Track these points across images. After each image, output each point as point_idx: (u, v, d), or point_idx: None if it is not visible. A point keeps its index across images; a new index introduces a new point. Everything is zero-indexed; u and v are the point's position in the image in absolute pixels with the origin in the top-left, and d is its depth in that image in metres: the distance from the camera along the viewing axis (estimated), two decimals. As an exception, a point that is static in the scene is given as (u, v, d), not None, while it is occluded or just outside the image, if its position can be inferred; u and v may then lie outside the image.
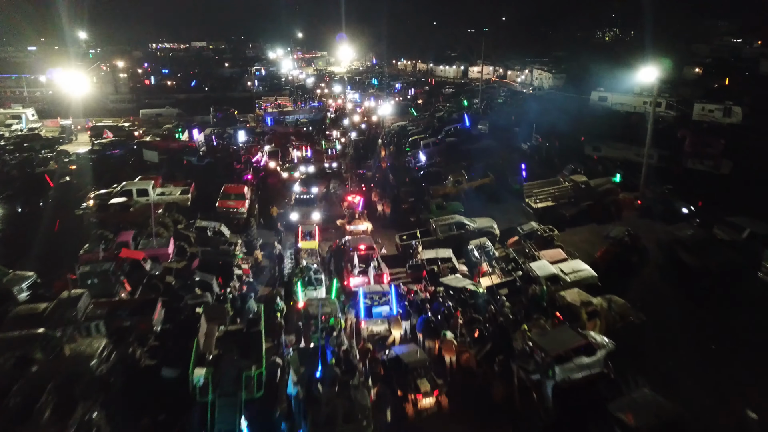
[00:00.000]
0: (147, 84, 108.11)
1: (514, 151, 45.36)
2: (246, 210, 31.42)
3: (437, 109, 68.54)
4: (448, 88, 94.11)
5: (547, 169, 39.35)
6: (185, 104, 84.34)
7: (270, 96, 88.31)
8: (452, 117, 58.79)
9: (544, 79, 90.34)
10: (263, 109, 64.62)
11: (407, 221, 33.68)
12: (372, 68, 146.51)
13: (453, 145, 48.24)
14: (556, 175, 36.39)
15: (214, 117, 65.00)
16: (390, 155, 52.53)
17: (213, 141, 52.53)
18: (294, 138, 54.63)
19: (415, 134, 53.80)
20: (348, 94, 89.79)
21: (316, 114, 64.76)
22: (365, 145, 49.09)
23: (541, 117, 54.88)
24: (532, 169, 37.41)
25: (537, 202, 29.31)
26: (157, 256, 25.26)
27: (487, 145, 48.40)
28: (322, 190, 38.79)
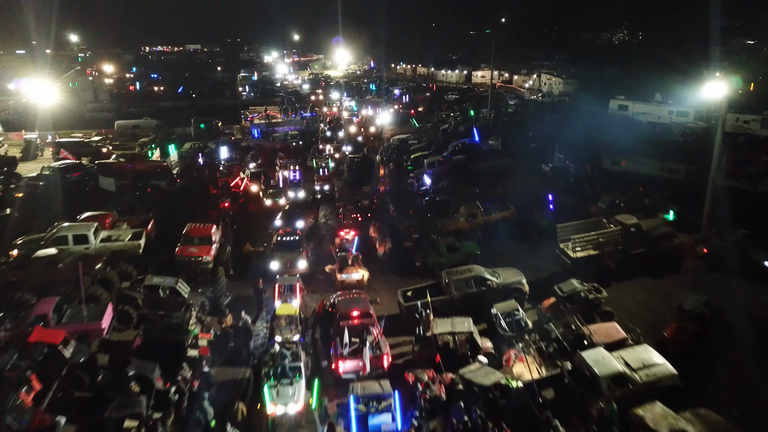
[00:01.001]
0: (131, 90, 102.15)
1: (533, 173, 39.42)
2: (213, 258, 25.32)
3: (441, 119, 62.62)
4: (450, 95, 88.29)
5: (577, 197, 33.39)
6: (169, 112, 78.48)
7: (260, 104, 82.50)
8: (459, 130, 52.87)
9: (553, 84, 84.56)
10: (249, 121, 58.60)
11: (411, 265, 27.72)
12: (370, 72, 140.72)
13: (461, 165, 42.29)
14: (589, 208, 30.53)
15: (196, 129, 59.04)
16: (390, 174, 46.63)
17: (200, 159, 46.56)
18: (282, 155, 48.69)
19: (417, 150, 47.86)
20: (344, 101, 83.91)
21: (307, 125, 58.80)
22: (362, 165, 43.11)
23: (557, 129, 49.19)
24: (559, 198, 31.42)
25: (576, 250, 23.31)
26: (87, 332, 19.25)
27: (502, 165, 42.44)
28: (310, 222, 32.80)
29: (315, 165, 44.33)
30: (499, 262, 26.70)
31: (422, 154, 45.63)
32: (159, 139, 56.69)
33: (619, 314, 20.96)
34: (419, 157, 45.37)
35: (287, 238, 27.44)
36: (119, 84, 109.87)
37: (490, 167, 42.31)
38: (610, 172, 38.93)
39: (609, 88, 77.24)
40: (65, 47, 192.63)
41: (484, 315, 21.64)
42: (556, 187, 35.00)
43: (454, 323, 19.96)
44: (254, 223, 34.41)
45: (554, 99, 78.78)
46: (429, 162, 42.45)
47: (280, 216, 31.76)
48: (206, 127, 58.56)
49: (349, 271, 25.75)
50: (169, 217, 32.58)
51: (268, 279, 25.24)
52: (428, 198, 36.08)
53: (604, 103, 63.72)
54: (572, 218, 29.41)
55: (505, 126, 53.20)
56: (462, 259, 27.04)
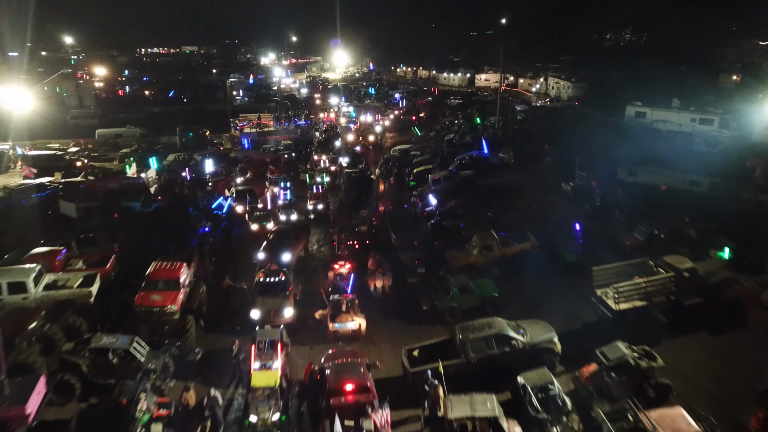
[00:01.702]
0: (120, 94, 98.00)
1: (550, 192, 35.30)
2: (180, 305, 21.11)
3: (444, 127, 58.51)
4: (453, 99, 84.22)
5: (605, 223, 29.25)
6: (157, 119, 74.42)
7: (254, 110, 78.28)
8: (465, 140, 48.76)
9: (561, 88, 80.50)
10: (239, 130, 54.48)
11: (416, 307, 23.63)
12: (369, 75, 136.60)
13: (470, 181, 38.16)
14: (623, 239, 26.39)
15: (182, 139, 54.94)
16: (390, 189, 42.54)
17: (185, 173, 42.47)
18: (272, 168, 44.58)
19: (420, 163, 43.76)
20: (342, 106, 79.78)
21: (302, 135, 54.69)
22: (359, 181, 38.97)
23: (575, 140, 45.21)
24: (585, 225, 27.29)
25: (619, 300, 19.17)
26: (6, 419, 15.12)
27: (515, 181, 38.37)
28: (299, 252, 28.66)
29: (308, 180, 40.26)
30: (521, 307, 22.65)
31: (426, 169, 41.54)
32: (141, 150, 52.67)
33: (679, 386, 16.85)
34: (423, 172, 41.27)
35: (271, 278, 23.25)
36: (109, 88, 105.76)
37: (502, 184, 38.23)
38: (625, 184, 35.63)
39: (620, 92, 73.27)
40: (60, 49, 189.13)
41: (507, 382, 17.64)
42: (579, 210, 30.89)
43: (473, 403, 15.81)
44: (238, 251, 30.38)
45: (562, 104, 74.77)
46: (434, 178, 38.32)
47: (264, 246, 27.55)
48: (193, 137, 54.43)
49: (343, 319, 21.66)
50: (140, 247, 28.54)
51: (247, 330, 21.18)
52: (434, 221, 31.94)
53: (616, 109, 59.71)
54: (603, 250, 25.40)
55: (515, 136, 49.08)
56: (476, 303, 23.02)
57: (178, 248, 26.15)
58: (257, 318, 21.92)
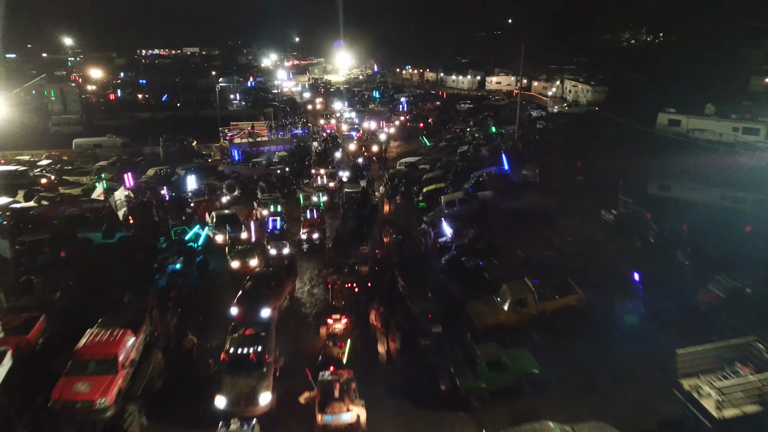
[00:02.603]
0: (111, 99, 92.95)
1: (586, 220, 29.78)
2: (115, 396, 15.74)
3: (456, 136, 53.00)
4: (463, 103, 78.69)
5: (661, 265, 23.70)
6: (146, 125, 69.31)
7: (249, 116, 73.18)
8: (480, 153, 43.24)
9: (580, 92, 74.83)
10: (228, 140, 49.19)
11: (432, 386, 18.22)
12: (373, 77, 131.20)
13: (490, 205, 32.74)
14: (694, 294, 20.82)
15: (166, 149, 49.70)
16: (396, 210, 37.18)
17: (164, 193, 37.25)
18: (263, 185, 39.29)
19: (431, 181, 38.33)
20: (344, 112, 74.45)
21: (298, 145, 49.33)
22: (361, 203, 33.56)
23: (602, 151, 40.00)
24: (645, 272, 21.75)
25: (722, 404, 13.67)
26: None
27: (542, 204, 32.91)
28: (283, 302, 23.29)
29: (302, 201, 34.91)
30: (569, 389, 17.21)
31: (437, 188, 36.10)
32: (120, 162, 47.50)
33: None
34: (434, 192, 35.86)
35: (243, 350, 17.87)
36: (100, 91, 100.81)
37: (527, 208, 32.77)
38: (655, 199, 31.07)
39: (643, 96, 68.00)
40: (60, 50, 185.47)
41: None
42: (627, 248, 25.39)
43: None
44: (212, 296, 25.05)
45: (581, 109, 69.16)
46: (447, 200, 32.89)
47: (239, 298, 22.11)
48: (179, 148, 49.22)
49: (335, 409, 16.28)
50: (91, 293, 23.34)
51: (212, 419, 15.87)
52: (450, 258, 26.54)
53: (640, 115, 54.17)
54: (668, 308, 19.94)
55: (538, 148, 43.52)
56: (510, 381, 17.61)
57: (133, 301, 20.80)
58: (223, 407, 16.57)
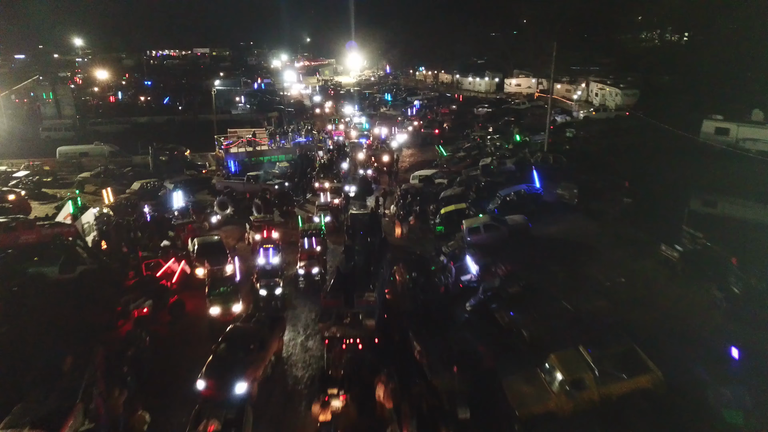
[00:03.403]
0: (111, 101, 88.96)
1: (641, 257, 24.52)
2: None
3: (476, 145, 47.80)
4: (481, 107, 73.56)
5: (752, 328, 18.41)
6: (144, 130, 65.20)
7: (251, 121, 68.70)
8: (505, 166, 38.05)
9: (607, 95, 69.30)
10: (224, 149, 44.50)
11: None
12: (385, 78, 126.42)
13: (522, 232, 27.66)
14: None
15: (155, 159, 45.14)
16: (410, 233, 32.23)
17: (145, 213, 32.74)
18: (259, 203, 34.53)
19: (450, 199, 33.28)
20: (354, 116, 69.67)
21: (301, 155, 44.53)
22: (369, 229, 28.64)
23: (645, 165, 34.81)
24: (737, 339, 16.58)
25: None
26: None
27: (582, 232, 27.73)
28: (264, 371, 18.35)
29: (301, 224, 30.07)
30: None
31: (458, 209, 31.05)
32: (103, 174, 43.07)
33: None
34: (453, 213, 30.83)
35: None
36: (101, 94, 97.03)
37: (565, 237, 27.63)
38: (700, 216, 26.73)
39: (679, 100, 62.71)
40: (71, 51, 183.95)
41: None
42: (703, 300, 20.13)
43: None
44: (185, 353, 20.30)
45: (610, 114, 63.74)
46: (471, 226, 27.86)
47: (207, 367, 17.20)
48: (168, 158, 44.67)
49: None
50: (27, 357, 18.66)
51: None
52: (476, 304, 21.54)
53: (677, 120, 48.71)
54: None
55: (570, 160, 38.22)
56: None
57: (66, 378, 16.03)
58: None
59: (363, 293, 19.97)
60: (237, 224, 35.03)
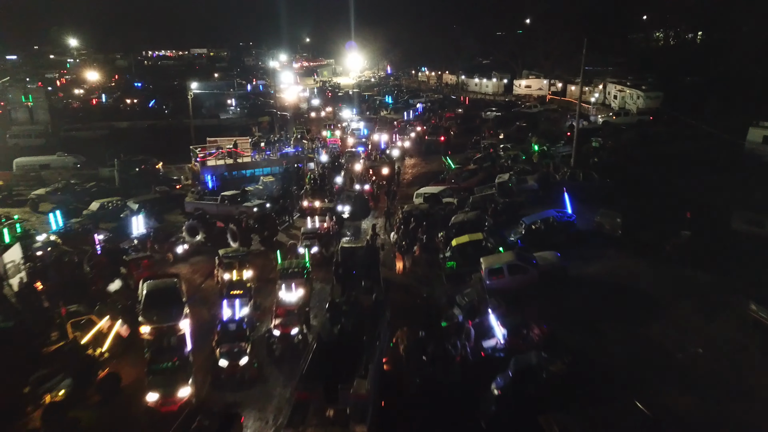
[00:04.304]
0: (93, 104, 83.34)
1: (716, 314, 18.80)
2: None
3: (488, 156, 41.93)
4: (489, 111, 67.87)
5: None
6: (124, 136, 59.72)
7: (240, 126, 63.20)
8: (526, 184, 32.26)
9: (628, 98, 63.57)
10: (199, 161, 38.83)
11: None
12: (386, 80, 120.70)
13: (556, 274, 21.93)
14: None
15: (121, 173, 39.48)
16: (414, 266, 26.66)
17: (96, 242, 27.16)
18: (233, 229, 28.91)
19: (462, 225, 27.53)
20: (351, 121, 64.07)
21: (288, 169, 38.86)
22: (364, 264, 22.99)
23: (694, 182, 29.26)
24: None
25: None
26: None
27: (628, 273, 21.98)
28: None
29: (279, 262, 24.38)
30: None
31: (473, 240, 25.31)
32: (59, 191, 37.46)
33: None
34: (467, 246, 25.13)
35: None
36: (85, 96, 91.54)
37: (608, 279, 21.89)
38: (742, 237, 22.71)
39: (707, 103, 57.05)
40: (66, 52, 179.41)
41: None
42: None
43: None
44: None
45: (633, 118, 57.99)
46: (491, 267, 22.16)
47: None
48: (137, 172, 39.06)
49: None
50: None
51: None
52: (505, 388, 15.85)
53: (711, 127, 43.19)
54: None
55: (602, 176, 32.30)
56: None
57: None
58: None
59: (351, 383, 14.30)
60: (210, 254, 29.52)
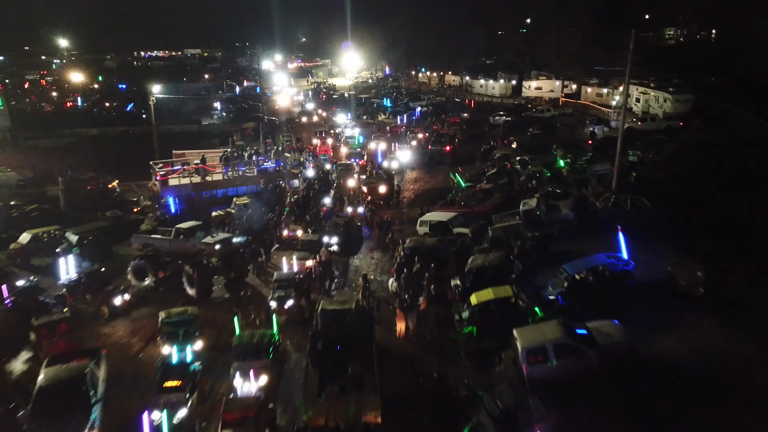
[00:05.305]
0: (67, 107, 76.88)
1: None
2: None
3: (504, 172, 35.36)
4: (498, 116, 61.55)
5: None
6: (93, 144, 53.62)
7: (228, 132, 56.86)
8: (559, 213, 25.75)
9: (652, 101, 57.20)
10: (159, 180, 32.36)
11: None
12: (384, 81, 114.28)
13: (623, 359, 15.50)
14: None
15: (67, 194, 33.00)
16: (416, 328, 20.34)
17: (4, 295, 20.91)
18: (190, 272, 22.51)
19: (482, 273, 21.11)
20: (345, 128, 57.73)
21: (267, 187, 32.46)
22: (352, 340, 16.65)
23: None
24: None
25: None
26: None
27: (732, 354, 15.60)
28: None
29: (238, 334, 17.92)
30: None
31: (499, 297, 18.85)
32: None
33: None
34: (491, 306, 18.71)
35: None
36: (59, 100, 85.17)
37: (699, 366, 15.50)
38: None
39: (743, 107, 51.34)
40: (57, 52, 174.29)
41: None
42: None
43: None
44: None
45: (659, 124, 51.69)
46: (530, 346, 15.77)
47: None
48: (86, 192, 32.61)
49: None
50: None
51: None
52: None
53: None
54: None
55: (655, 203, 25.59)
56: None
57: None
58: None
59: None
60: (163, 303, 23.22)
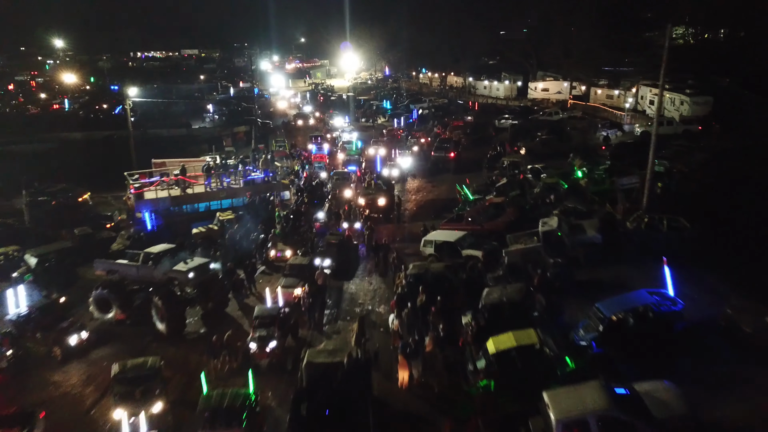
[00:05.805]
0: (54, 109, 73.68)
1: None
2: None
3: (517, 182, 32.10)
4: (504, 119, 58.42)
5: None
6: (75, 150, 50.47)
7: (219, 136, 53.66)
8: (584, 235, 22.45)
9: (668, 103, 54.05)
10: (134, 194, 29.13)
11: None
12: (384, 82, 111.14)
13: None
14: None
15: (31, 209, 29.78)
16: (421, 377, 17.13)
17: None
18: (159, 305, 19.28)
19: (499, 309, 17.89)
20: (342, 132, 54.54)
21: (254, 198, 29.24)
22: (344, 402, 13.46)
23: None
24: None
25: None
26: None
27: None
28: None
29: (205, 394, 14.69)
30: None
31: (522, 345, 15.62)
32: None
33: None
34: (512, 355, 15.49)
35: None
36: (46, 102, 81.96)
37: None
38: None
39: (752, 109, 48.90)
40: (52, 54, 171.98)
41: None
42: None
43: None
44: None
45: (677, 128, 48.43)
46: (566, 420, 12.54)
47: None
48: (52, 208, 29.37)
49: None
50: None
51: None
52: None
53: None
54: None
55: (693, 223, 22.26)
56: None
57: None
58: None
59: None
60: (128, 340, 20.18)
